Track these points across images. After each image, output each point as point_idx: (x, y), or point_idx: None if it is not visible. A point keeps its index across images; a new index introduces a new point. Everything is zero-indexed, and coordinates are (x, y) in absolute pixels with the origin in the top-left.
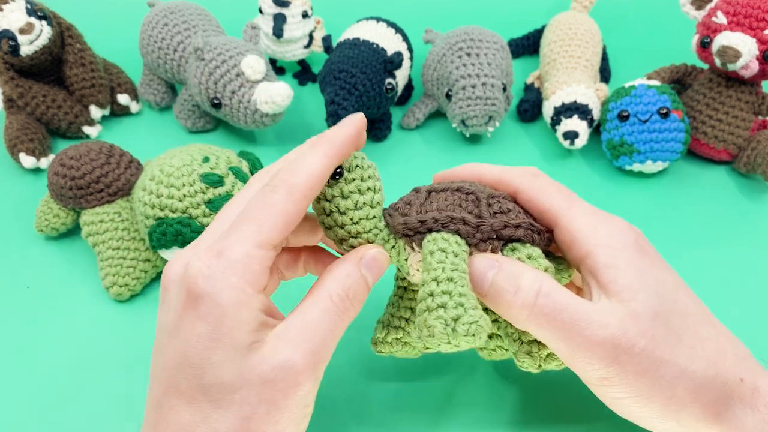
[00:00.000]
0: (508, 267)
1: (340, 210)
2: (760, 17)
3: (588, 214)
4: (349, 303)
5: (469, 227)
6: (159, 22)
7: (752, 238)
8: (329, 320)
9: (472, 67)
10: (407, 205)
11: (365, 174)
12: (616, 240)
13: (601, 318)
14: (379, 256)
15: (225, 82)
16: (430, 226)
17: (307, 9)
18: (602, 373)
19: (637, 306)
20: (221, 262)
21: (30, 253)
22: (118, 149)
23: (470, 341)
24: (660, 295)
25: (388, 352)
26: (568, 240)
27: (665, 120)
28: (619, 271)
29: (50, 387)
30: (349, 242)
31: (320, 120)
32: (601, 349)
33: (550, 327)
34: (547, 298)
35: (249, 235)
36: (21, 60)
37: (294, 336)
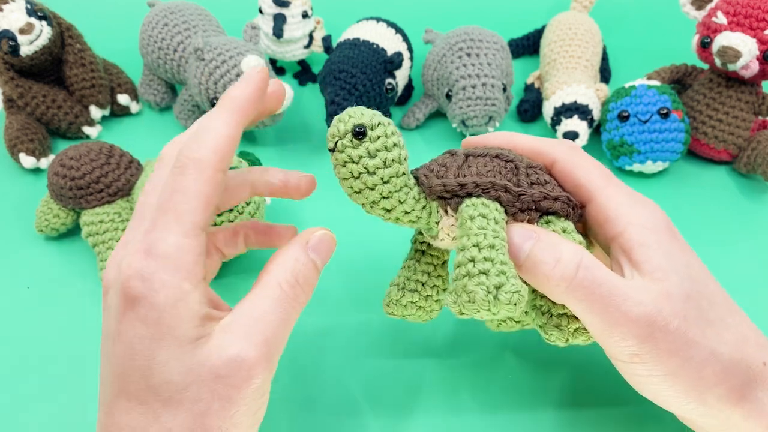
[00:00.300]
0: (546, 238)
1: (369, 170)
2: (760, 17)
3: (624, 193)
4: (300, 289)
5: (510, 195)
6: (159, 22)
7: (752, 238)
8: (280, 309)
9: (472, 67)
10: (443, 167)
11: (388, 130)
12: (650, 221)
13: (638, 295)
14: (325, 238)
15: (225, 82)
16: (470, 190)
17: (307, 9)
18: (635, 350)
19: (671, 286)
20: (151, 261)
21: (30, 253)
22: (118, 149)
23: (511, 310)
24: (691, 278)
25: (400, 314)
26: (602, 217)
27: (665, 120)
28: (653, 251)
29: (50, 387)
30: (381, 204)
31: (320, 120)
32: (637, 325)
33: (588, 300)
34: (587, 271)
35: (172, 227)
36: (21, 60)
37: (244, 328)
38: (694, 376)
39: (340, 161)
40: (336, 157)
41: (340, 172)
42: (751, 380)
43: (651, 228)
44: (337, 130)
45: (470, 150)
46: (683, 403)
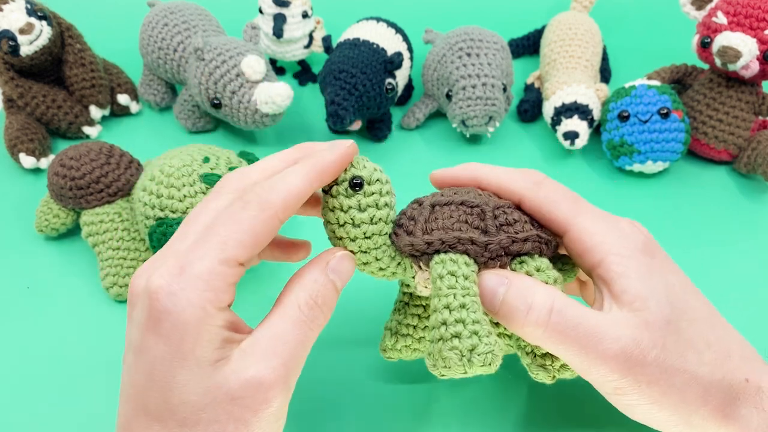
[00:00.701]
0: (519, 284)
1: (354, 222)
2: (760, 17)
3: (596, 220)
4: (319, 311)
5: (477, 247)
6: (159, 22)
7: (752, 238)
8: (298, 331)
9: (472, 67)
10: (411, 221)
11: (384, 189)
12: (625, 246)
13: (615, 331)
14: (345, 258)
15: (225, 82)
16: (438, 247)
17: (307, 9)
18: (616, 384)
19: (649, 315)
20: (183, 279)
21: (30, 253)
22: (118, 149)
23: (486, 370)
24: (670, 301)
25: (397, 357)
26: (578, 249)
27: (665, 120)
28: (630, 281)
29: (50, 387)
30: (357, 257)
31: (320, 120)
32: (615, 362)
33: (563, 343)
34: (560, 315)
35: (213, 251)
36: (21, 60)
37: (262, 350)
38: (676, 400)
39: (330, 205)
40: (327, 200)
41: (327, 215)
42: (733, 398)
43: (627, 255)
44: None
45: (436, 198)
46: (672, 426)
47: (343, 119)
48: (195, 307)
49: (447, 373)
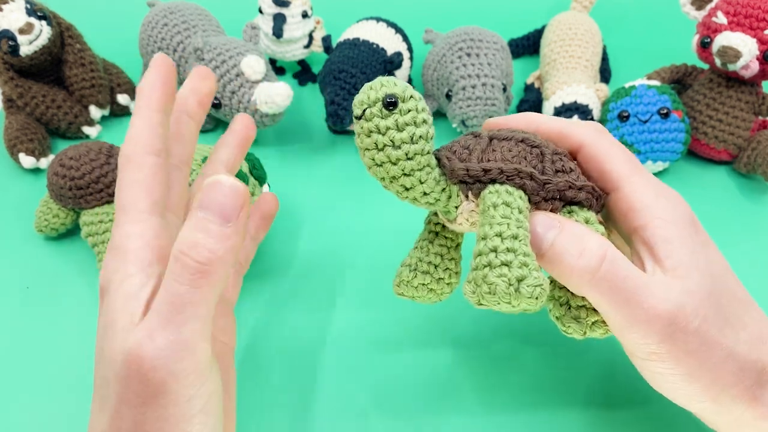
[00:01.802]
0: (571, 229)
1: (395, 143)
2: (760, 17)
3: (649, 184)
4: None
5: (535, 183)
6: (159, 22)
7: (752, 238)
8: (168, 295)
9: (472, 68)
10: (466, 150)
11: (419, 105)
12: (674, 215)
13: (661, 292)
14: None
15: (225, 82)
16: (495, 176)
17: (306, 9)
18: (654, 348)
19: (692, 284)
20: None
21: (30, 253)
22: (117, 149)
23: (532, 303)
24: (712, 275)
25: (410, 296)
26: (625, 207)
27: (665, 120)
28: (676, 248)
29: (50, 387)
30: (401, 181)
31: (320, 120)
32: (659, 322)
33: (610, 294)
34: (611, 265)
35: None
36: (21, 60)
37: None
38: (710, 376)
39: (366, 130)
40: (362, 126)
41: (364, 142)
42: (764, 381)
43: (674, 222)
44: (367, 97)
45: (494, 132)
46: (697, 402)
47: (343, 119)
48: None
49: (489, 301)
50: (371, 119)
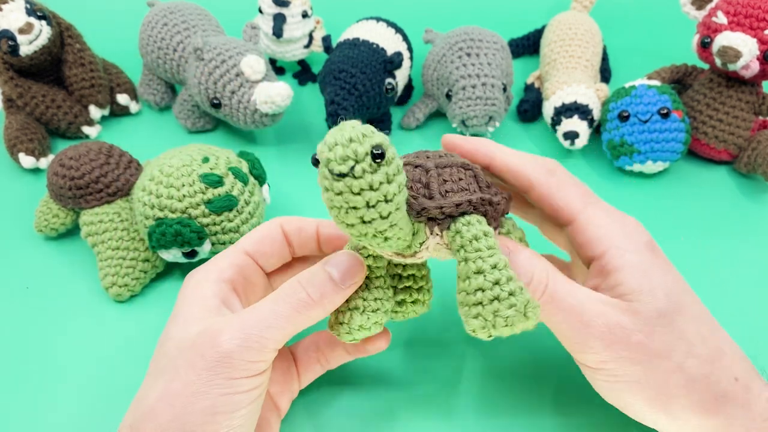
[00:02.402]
0: (522, 256)
1: (387, 198)
2: (760, 17)
3: (603, 214)
4: (301, 290)
5: (491, 207)
6: (159, 22)
7: (752, 238)
8: (271, 302)
9: (472, 67)
10: (423, 186)
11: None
12: (628, 242)
13: (601, 307)
14: (345, 255)
15: (225, 82)
16: (464, 209)
17: (306, 9)
18: (600, 357)
19: (639, 306)
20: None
21: (30, 253)
22: (117, 149)
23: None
24: (667, 295)
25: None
26: (582, 239)
27: (665, 120)
28: (626, 275)
29: (50, 387)
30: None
31: (320, 120)
32: (599, 334)
33: (554, 313)
34: (554, 288)
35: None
36: (20, 60)
37: (233, 314)
38: (657, 385)
39: (356, 189)
40: (350, 185)
41: (351, 201)
42: (720, 395)
43: (628, 250)
44: (354, 152)
45: (436, 161)
46: (650, 413)
47: (343, 119)
48: (197, 278)
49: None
50: (362, 176)
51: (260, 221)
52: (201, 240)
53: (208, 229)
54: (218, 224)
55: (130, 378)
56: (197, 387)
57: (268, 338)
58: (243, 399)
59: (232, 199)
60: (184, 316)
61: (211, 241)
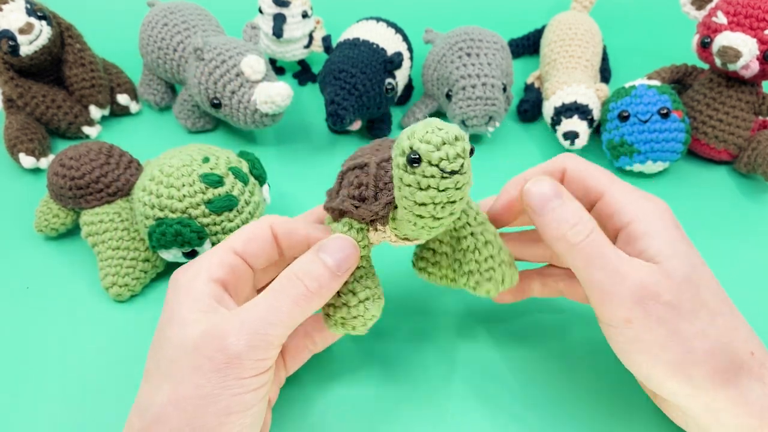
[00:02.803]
0: (570, 202)
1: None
2: (760, 17)
3: (630, 189)
4: (298, 282)
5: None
6: (159, 22)
7: (752, 238)
8: (270, 297)
9: (472, 67)
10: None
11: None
12: (655, 213)
13: (635, 265)
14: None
15: (225, 82)
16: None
17: (307, 9)
18: (626, 313)
19: (669, 268)
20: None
21: (30, 253)
22: (117, 149)
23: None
24: (693, 264)
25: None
26: (610, 210)
27: (665, 120)
28: (656, 240)
29: (50, 387)
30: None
31: (320, 120)
32: (632, 288)
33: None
34: (598, 235)
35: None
36: (21, 60)
37: (233, 313)
38: (681, 348)
39: (460, 184)
40: (457, 181)
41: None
42: (737, 366)
43: (655, 218)
44: (462, 150)
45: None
46: (668, 378)
47: (342, 119)
48: (188, 277)
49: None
50: (466, 172)
51: None
52: (201, 240)
53: (208, 229)
54: (218, 224)
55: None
56: (208, 390)
57: (272, 335)
58: (254, 397)
59: (233, 199)
60: (180, 317)
61: (212, 241)
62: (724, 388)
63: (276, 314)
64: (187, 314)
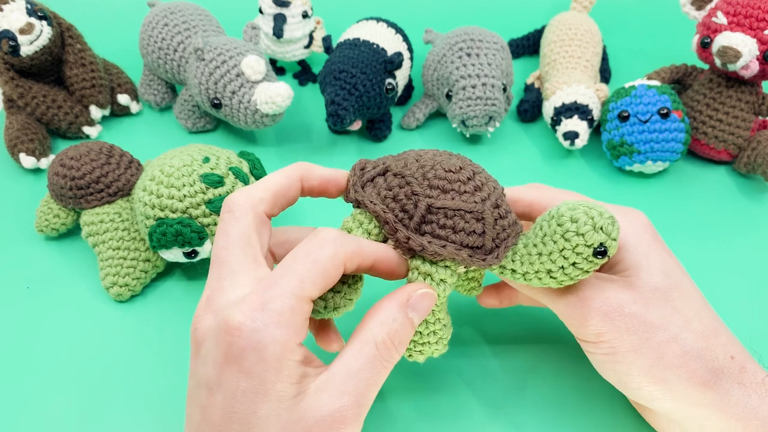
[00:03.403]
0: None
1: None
2: (760, 17)
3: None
4: (395, 350)
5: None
6: (159, 22)
7: (752, 238)
8: (374, 369)
9: (472, 68)
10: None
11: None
12: (628, 225)
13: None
14: (427, 296)
15: (225, 82)
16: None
17: (307, 9)
18: (597, 329)
19: (636, 281)
20: (265, 315)
21: (30, 253)
22: (118, 149)
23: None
24: (664, 273)
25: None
26: None
27: (665, 120)
28: (627, 253)
29: (50, 387)
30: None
31: (320, 120)
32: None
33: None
34: None
35: (293, 288)
36: (21, 60)
37: (337, 387)
38: (654, 354)
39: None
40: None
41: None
42: (716, 369)
43: (629, 232)
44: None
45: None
46: (646, 385)
47: (343, 119)
48: (277, 343)
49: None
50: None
51: None
52: (202, 240)
53: (208, 230)
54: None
55: (131, 378)
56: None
57: (367, 407)
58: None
59: None
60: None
61: (212, 242)
62: (703, 392)
63: (377, 385)
64: (284, 388)
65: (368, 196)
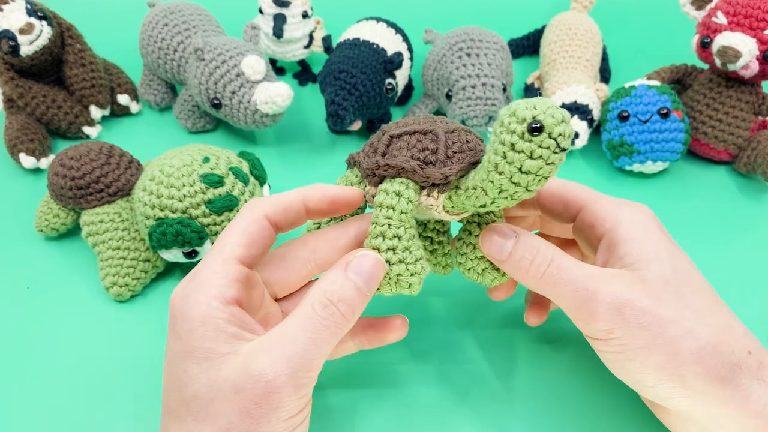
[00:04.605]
0: (526, 240)
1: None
2: (760, 17)
3: (611, 199)
4: (334, 309)
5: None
6: (159, 22)
7: (752, 238)
8: (309, 328)
9: (472, 68)
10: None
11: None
12: (635, 217)
13: (607, 277)
14: (367, 258)
15: (225, 82)
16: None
17: (307, 9)
18: (606, 326)
19: (647, 274)
20: (192, 283)
21: (30, 253)
22: (118, 149)
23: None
24: (674, 267)
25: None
26: (590, 220)
27: (665, 120)
28: (636, 244)
29: (50, 387)
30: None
31: (320, 120)
32: (604, 302)
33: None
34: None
35: (214, 255)
36: (21, 60)
37: (268, 346)
38: (668, 351)
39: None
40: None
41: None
42: (733, 365)
43: (636, 224)
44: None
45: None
46: (661, 383)
47: (343, 119)
48: (200, 304)
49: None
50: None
51: None
52: (201, 240)
53: (208, 229)
54: (219, 224)
55: (131, 378)
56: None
57: (315, 371)
58: (301, 427)
59: (233, 199)
60: (203, 351)
61: (212, 241)
62: (721, 389)
63: (315, 347)
64: (211, 346)
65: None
